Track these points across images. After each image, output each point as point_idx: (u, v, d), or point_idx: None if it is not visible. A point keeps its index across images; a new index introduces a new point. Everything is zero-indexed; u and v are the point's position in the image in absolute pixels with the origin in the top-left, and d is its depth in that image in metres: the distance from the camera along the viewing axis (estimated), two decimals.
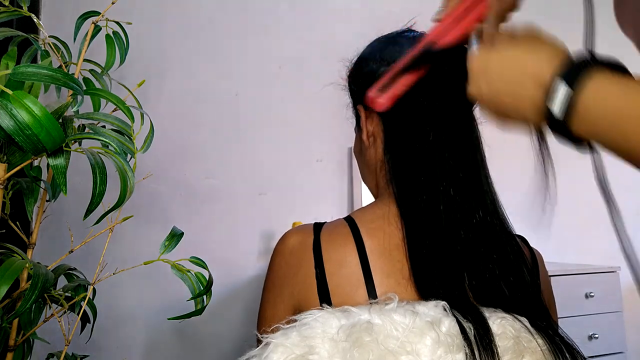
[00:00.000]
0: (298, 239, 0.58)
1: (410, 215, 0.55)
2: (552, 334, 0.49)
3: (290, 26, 1.71)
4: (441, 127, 0.58)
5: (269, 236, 1.57)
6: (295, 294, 0.55)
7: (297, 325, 0.48)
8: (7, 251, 0.70)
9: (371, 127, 0.64)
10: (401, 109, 0.60)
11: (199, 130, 1.53)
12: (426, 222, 0.54)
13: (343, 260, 0.54)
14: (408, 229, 0.54)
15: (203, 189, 1.51)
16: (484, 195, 0.57)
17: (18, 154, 0.68)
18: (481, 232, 0.55)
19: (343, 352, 0.44)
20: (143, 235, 1.37)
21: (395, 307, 0.47)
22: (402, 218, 0.55)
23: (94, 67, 0.99)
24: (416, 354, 0.44)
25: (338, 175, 1.71)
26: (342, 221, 0.59)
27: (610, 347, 1.58)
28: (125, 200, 0.65)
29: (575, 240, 2.07)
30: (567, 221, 2.07)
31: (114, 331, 1.34)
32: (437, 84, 0.60)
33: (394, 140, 0.61)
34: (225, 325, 1.47)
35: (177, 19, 1.55)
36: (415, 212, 0.55)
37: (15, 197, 0.82)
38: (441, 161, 0.57)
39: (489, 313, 0.49)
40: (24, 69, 0.52)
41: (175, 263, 0.79)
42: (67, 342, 0.75)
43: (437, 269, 0.52)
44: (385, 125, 0.63)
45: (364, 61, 0.66)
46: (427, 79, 0.59)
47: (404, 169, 0.58)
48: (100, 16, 0.87)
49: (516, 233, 0.60)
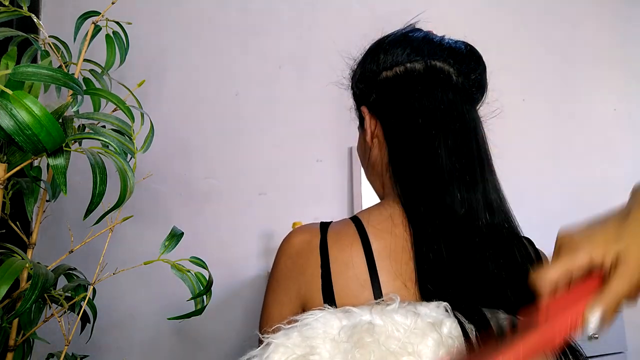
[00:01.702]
0: (305, 239, 0.58)
1: (416, 218, 0.55)
2: None
3: (290, 26, 1.71)
4: (446, 129, 0.58)
5: (269, 236, 1.57)
6: (302, 293, 0.55)
7: (298, 326, 0.48)
8: (7, 251, 0.70)
9: (375, 129, 0.64)
10: (405, 111, 0.60)
11: (199, 130, 1.53)
12: (432, 225, 0.54)
13: (349, 261, 0.53)
14: (415, 232, 0.54)
15: (203, 189, 1.51)
16: (490, 197, 0.57)
17: (18, 154, 0.68)
18: (488, 234, 0.54)
19: (344, 353, 0.44)
20: (143, 235, 1.37)
21: (397, 307, 0.47)
22: (409, 221, 0.55)
23: (94, 67, 0.98)
24: (417, 355, 0.44)
25: (338, 175, 1.71)
26: (349, 221, 0.58)
27: (610, 347, 1.58)
28: (125, 200, 0.65)
29: None
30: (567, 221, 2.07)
31: (114, 331, 1.34)
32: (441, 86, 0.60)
33: (397, 142, 0.61)
34: (225, 325, 1.47)
35: (177, 19, 1.55)
36: (421, 215, 0.55)
37: (15, 197, 0.82)
38: (447, 164, 0.56)
39: (491, 314, 0.48)
40: (24, 69, 0.52)
41: (175, 263, 0.79)
42: (67, 342, 0.75)
43: (443, 272, 0.51)
44: (388, 127, 0.63)
45: (367, 62, 0.66)
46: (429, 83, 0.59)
47: (408, 172, 0.58)
48: (100, 16, 0.87)
49: (523, 235, 0.60)
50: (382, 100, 0.64)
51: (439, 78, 0.61)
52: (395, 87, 0.62)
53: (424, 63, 0.62)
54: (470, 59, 0.64)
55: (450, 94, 0.60)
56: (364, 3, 1.82)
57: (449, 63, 0.62)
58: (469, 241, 0.53)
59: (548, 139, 2.07)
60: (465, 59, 0.63)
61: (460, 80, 0.62)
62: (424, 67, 0.62)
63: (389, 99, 0.63)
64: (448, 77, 0.62)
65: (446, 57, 0.62)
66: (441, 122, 0.58)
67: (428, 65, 0.62)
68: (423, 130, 0.58)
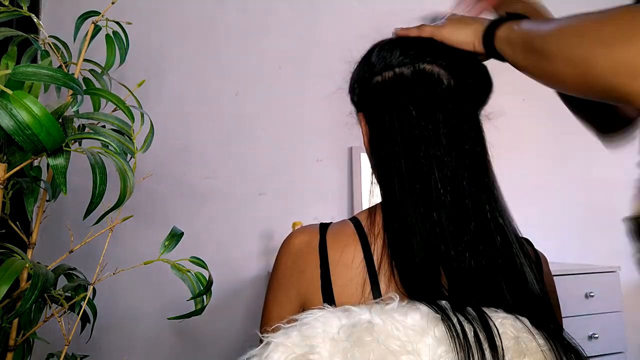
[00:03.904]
0: (304, 239, 0.58)
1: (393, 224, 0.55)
2: (553, 334, 0.49)
3: (290, 26, 1.71)
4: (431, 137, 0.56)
5: (269, 236, 1.57)
6: (301, 293, 0.55)
7: (297, 325, 0.48)
8: (7, 251, 0.70)
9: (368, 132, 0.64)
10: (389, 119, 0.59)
11: (199, 130, 1.53)
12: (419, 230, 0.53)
13: (348, 262, 0.54)
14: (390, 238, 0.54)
15: (203, 189, 1.51)
16: (488, 198, 0.56)
17: (18, 154, 0.68)
18: (485, 234, 0.54)
19: (344, 352, 0.44)
20: (143, 235, 1.37)
21: (396, 306, 0.47)
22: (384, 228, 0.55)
23: (94, 67, 0.98)
24: (417, 354, 0.44)
25: (338, 175, 1.71)
26: (348, 222, 0.59)
27: (610, 347, 1.58)
28: (125, 200, 0.65)
29: (575, 240, 2.07)
30: (567, 221, 2.07)
31: (114, 331, 1.34)
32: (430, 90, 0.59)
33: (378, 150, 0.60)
34: (225, 325, 1.47)
35: (177, 19, 1.55)
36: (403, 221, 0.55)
37: (15, 197, 0.82)
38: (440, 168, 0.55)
39: (490, 313, 0.48)
40: (24, 69, 0.52)
41: (175, 263, 0.79)
42: (67, 342, 0.75)
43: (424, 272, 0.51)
44: (372, 134, 0.62)
45: (361, 67, 0.64)
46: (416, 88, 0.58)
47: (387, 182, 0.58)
48: (100, 16, 0.87)
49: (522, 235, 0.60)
50: (372, 107, 0.62)
51: (427, 82, 0.58)
52: (383, 93, 0.60)
53: (412, 67, 0.58)
54: (465, 58, 0.60)
55: (438, 99, 0.57)
56: (364, 3, 1.82)
57: (440, 65, 0.58)
58: (464, 241, 0.53)
59: (548, 139, 2.07)
60: (459, 58, 0.59)
61: (452, 82, 0.58)
62: (411, 72, 0.58)
63: (377, 106, 0.61)
64: (438, 81, 0.58)
65: (436, 58, 0.58)
66: (425, 129, 0.56)
67: (416, 69, 0.58)
68: (406, 139, 0.57)
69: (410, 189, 0.55)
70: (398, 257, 0.53)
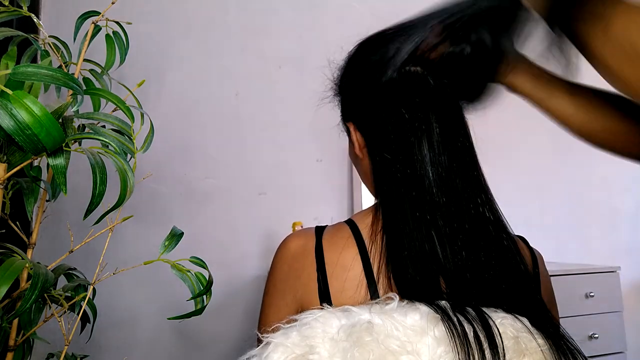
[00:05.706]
0: (300, 243, 0.58)
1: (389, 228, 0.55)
2: (553, 333, 0.49)
3: (290, 26, 1.71)
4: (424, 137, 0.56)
5: (269, 236, 1.57)
6: (299, 297, 0.55)
7: (297, 325, 0.48)
8: (7, 251, 0.70)
9: (361, 140, 0.64)
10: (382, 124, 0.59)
11: (199, 130, 1.53)
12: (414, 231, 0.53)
13: (345, 264, 0.54)
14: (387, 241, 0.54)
15: (203, 189, 1.51)
16: (479, 192, 0.56)
17: (18, 154, 0.68)
18: (479, 234, 0.54)
19: (343, 352, 0.44)
20: (143, 235, 1.37)
21: (396, 306, 0.47)
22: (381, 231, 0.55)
23: (94, 67, 0.99)
24: (417, 354, 0.44)
25: (338, 175, 1.71)
26: (344, 224, 0.59)
27: (610, 347, 1.58)
28: (125, 200, 0.65)
29: (575, 240, 2.07)
30: (567, 221, 2.07)
31: (114, 331, 1.34)
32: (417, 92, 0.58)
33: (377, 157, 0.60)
34: (225, 325, 1.47)
35: (177, 19, 1.55)
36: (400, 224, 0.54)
37: (15, 197, 0.82)
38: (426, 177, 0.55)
39: (490, 313, 0.49)
40: (24, 69, 0.52)
41: (175, 263, 0.79)
42: (67, 342, 0.75)
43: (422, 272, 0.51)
44: (369, 141, 0.62)
45: (346, 75, 0.65)
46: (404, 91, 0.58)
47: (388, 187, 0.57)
48: (100, 16, 0.87)
49: (516, 234, 0.60)
50: (362, 114, 0.62)
51: (413, 84, 0.58)
52: (372, 101, 0.60)
53: (398, 70, 0.58)
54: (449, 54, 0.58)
55: (429, 97, 0.57)
56: (363, 3, 1.82)
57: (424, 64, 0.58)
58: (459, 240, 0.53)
59: (548, 139, 2.07)
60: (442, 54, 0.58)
61: (438, 81, 0.58)
62: (398, 75, 0.58)
63: (368, 114, 0.61)
64: (424, 81, 0.58)
65: (419, 58, 0.58)
66: (418, 130, 0.56)
67: (402, 72, 0.58)
68: (400, 143, 0.57)
69: (406, 194, 0.55)
70: (395, 260, 0.53)
